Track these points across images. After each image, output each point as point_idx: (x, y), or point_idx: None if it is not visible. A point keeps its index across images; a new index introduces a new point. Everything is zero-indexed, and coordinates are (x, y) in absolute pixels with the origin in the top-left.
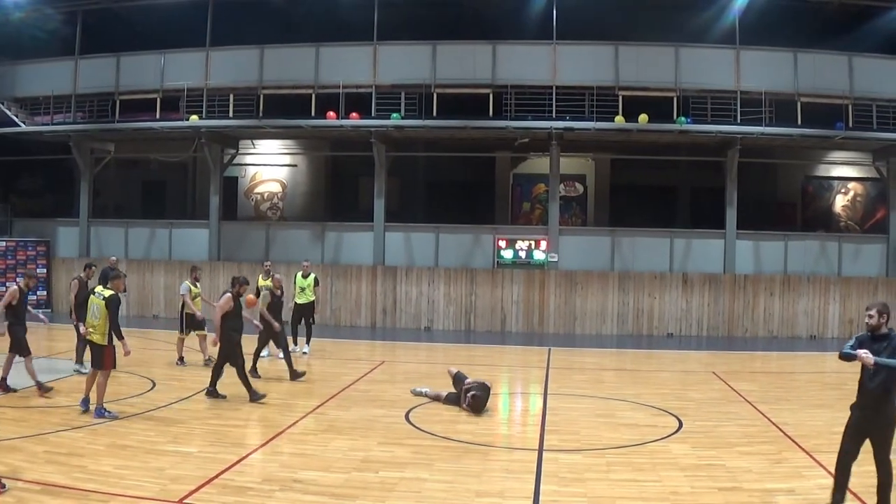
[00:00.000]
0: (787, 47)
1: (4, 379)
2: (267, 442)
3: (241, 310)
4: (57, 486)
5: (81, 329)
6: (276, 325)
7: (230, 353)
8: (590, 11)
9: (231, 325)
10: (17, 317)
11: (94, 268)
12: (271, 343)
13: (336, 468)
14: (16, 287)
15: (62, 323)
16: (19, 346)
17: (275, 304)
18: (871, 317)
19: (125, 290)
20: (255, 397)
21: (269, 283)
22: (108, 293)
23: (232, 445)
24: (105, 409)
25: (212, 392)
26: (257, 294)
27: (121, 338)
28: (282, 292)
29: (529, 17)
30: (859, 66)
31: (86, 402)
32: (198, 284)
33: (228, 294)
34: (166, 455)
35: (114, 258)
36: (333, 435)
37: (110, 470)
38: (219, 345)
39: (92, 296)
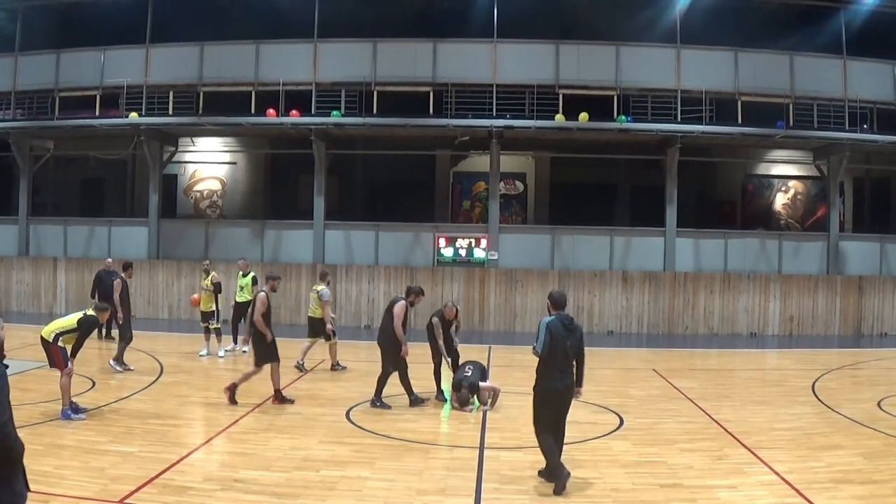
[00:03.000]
0: (729, 46)
1: None
2: (207, 441)
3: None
4: None
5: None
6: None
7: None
8: (531, 10)
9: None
10: None
11: (132, 268)
12: (213, 341)
13: (277, 467)
14: None
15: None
16: None
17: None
18: None
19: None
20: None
21: (207, 282)
22: (90, 314)
23: (172, 445)
24: (69, 411)
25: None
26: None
27: (73, 356)
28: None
29: (471, 16)
30: (800, 66)
31: (66, 412)
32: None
33: (402, 302)
34: (107, 455)
35: (109, 260)
36: (274, 434)
37: (50, 470)
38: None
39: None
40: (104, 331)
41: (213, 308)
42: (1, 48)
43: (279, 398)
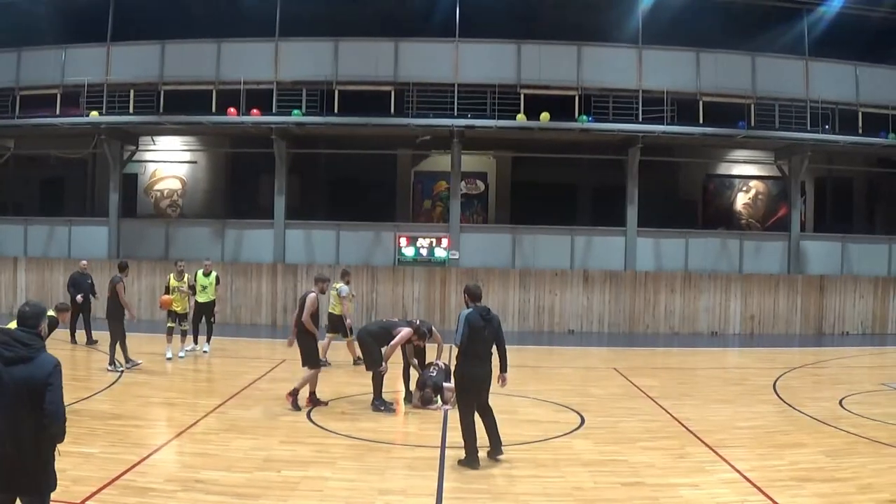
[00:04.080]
0: (690, 47)
1: None
2: (169, 442)
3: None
4: None
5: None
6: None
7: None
8: (493, 9)
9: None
10: None
11: (129, 267)
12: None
13: (238, 468)
14: None
15: None
16: None
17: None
18: None
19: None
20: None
21: (182, 283)
22: (50, 315)
23: (133, 446)
24: None
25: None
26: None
27: None
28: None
29: (433, 15)
30: (762, 66)
31: None
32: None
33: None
34: (68, 456)
35: (84, 262)
36: (235, 434)
37: None
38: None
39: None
40: (72, 335)
41: (187, 309)
42: None
43: (313, 401)
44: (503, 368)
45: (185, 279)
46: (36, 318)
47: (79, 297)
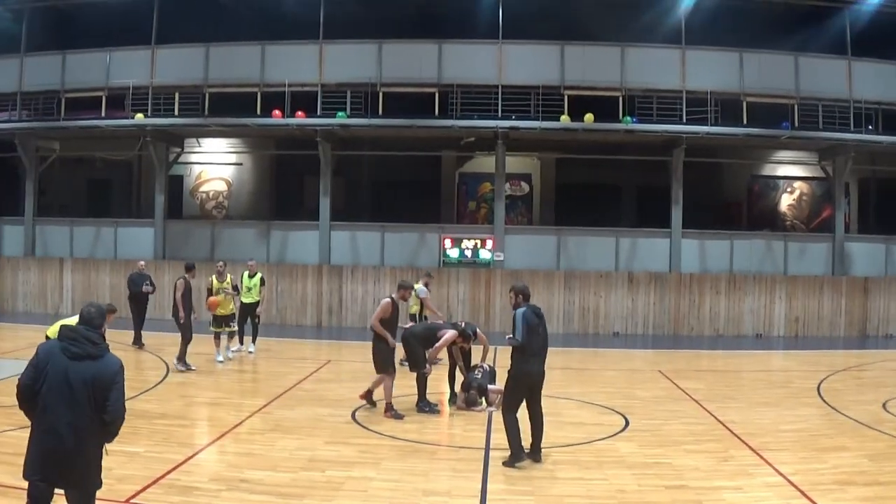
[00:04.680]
0: (733, 47)
1: None
2: (213, 441)
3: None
4: (3, 486)
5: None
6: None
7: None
8: (536, 11)
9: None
10: None
11: (195, 269)
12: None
13: (283, 467)
14: None
15: (6, 322)
16: None
17: None
18: None
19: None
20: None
21: (225, 284)
22: None
23: (178, 445)
24: None
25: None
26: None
27: None
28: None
29: (476, 17)
30: (805, 67)
31: None
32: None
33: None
34: (113, 455)
35: (141, 263)
36: (280, 434)
37: None
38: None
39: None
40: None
41: (233, 310)
42: (6, 49)
43: (390, 410)
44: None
45: (228, 280)
46: (101, 319)
47: (146, 287)
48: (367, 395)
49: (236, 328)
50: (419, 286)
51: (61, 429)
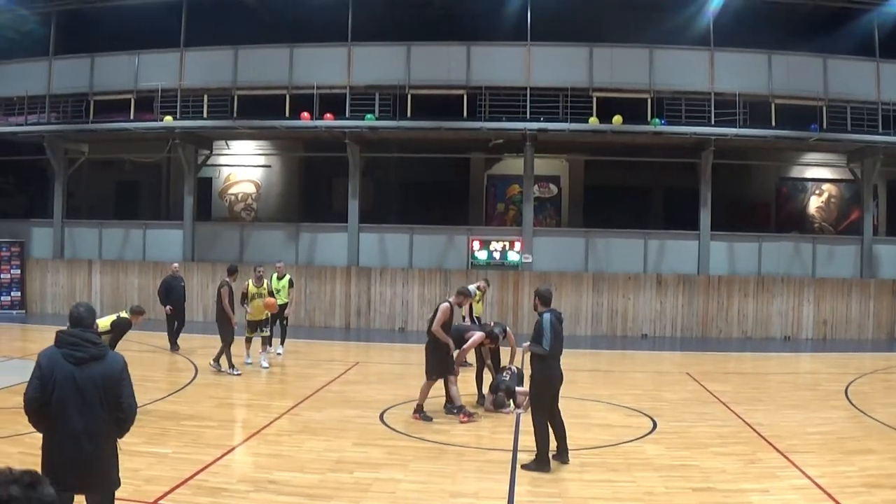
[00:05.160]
0: (761, 49)
1: None
2: (242, 443)
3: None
4: None
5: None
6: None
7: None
8: (564, 12)
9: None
10: None
11: (237, 272)
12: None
13: (310, 469)
14: None
15: (35, 323)
16: None
17: None
18: None
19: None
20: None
21: (262, 289)
22: (123, 317)
23: (207, 446)
24: None
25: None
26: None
27: None
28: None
29: (503, 18)
30: (833, 68)
31: None
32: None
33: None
34: (141, 456)
35: (175, 265)
36: (308, 436)
37: None
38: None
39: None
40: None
41: (268, 315)
42: (35, 52)
43: (419, 412)
44: None
45: (265, 285)
46: (92, 318)
47: (168, 308)
48: (419, 410)
49: (269, 333)
50: (471, 287)
51: (78, 436)
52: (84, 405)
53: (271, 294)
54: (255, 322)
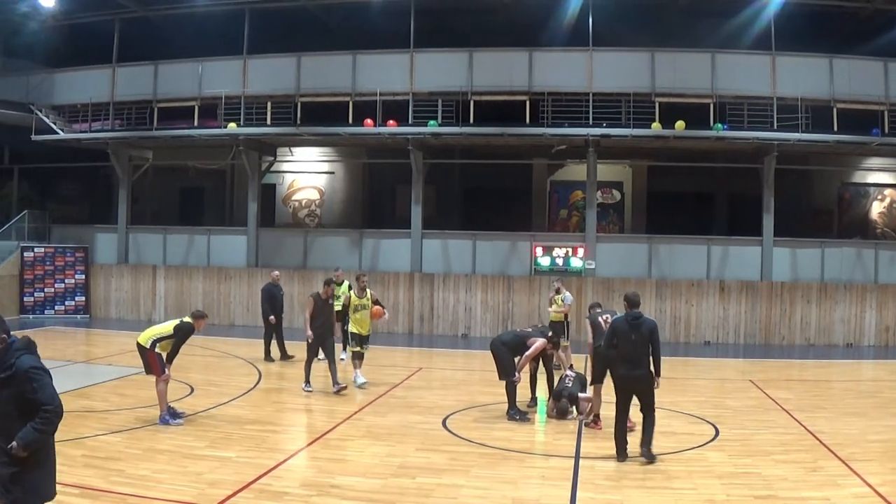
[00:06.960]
0: (823, 53)
1: None
2: (304, 447)
3: None
4: (95, 489)
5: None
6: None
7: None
8: (625, 18)
9: None
10: None
11: (333, 284)
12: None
13: (373, 474)
14: None
15: (99, 328)
16: None
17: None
18: None
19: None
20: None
21: (366, 299)
22: (186, 321)
23: (269, 451)
24: (167, 416)
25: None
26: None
27: (169, 363)
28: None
29: (565, 24)
30: (895, 72)
31: (164, 417)
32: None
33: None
34: (204, 460)
35: (276, 273)
36: (371, 441)
37: (148, 474)
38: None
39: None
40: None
41: (371, 331)
42: (100, 59)
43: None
44: (656, 373)
45: (368, 295)
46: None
47: (271, 319)
48: (593, 417)
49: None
50: (566, 293)
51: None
52: None
53: (376, 303)
54: (362, 336)
